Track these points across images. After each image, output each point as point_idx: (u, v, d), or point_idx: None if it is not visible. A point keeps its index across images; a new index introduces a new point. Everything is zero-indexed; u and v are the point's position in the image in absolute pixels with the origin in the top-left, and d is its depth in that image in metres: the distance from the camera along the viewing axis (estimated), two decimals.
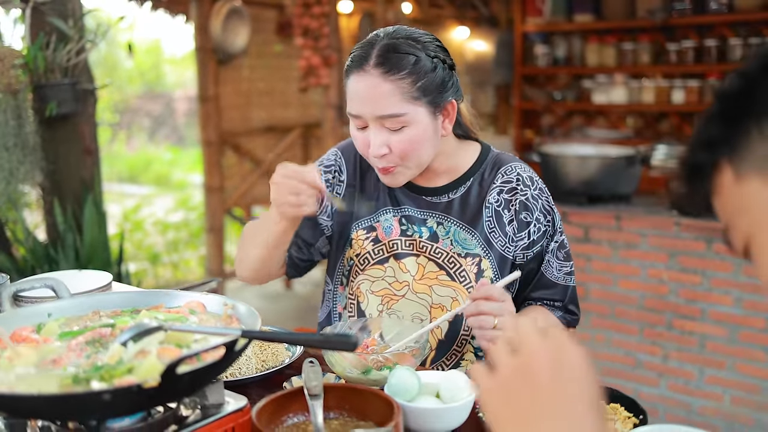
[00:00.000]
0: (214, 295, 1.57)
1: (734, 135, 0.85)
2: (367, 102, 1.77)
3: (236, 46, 6.95)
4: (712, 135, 0.88)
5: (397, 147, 1.79)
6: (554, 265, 1.95)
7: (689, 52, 6.27)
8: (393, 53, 1.75)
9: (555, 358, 0.93)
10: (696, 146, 0.90)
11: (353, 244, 2.00)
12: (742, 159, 0.84)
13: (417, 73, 1.75)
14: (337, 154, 2.07)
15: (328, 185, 2.03)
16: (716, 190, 0.89)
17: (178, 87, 16.65)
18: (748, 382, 3.89)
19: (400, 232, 1.96)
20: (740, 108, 0.85)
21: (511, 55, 7.28)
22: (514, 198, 1.92)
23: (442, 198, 1.96)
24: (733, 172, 0.85)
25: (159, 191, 12.49)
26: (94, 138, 4.17)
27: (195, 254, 8.46)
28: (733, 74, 0.88)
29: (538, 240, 1.93)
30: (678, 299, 4.06)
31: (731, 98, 0.86)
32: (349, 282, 2.00)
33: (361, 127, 1.82)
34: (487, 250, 1.91)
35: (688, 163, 0.92)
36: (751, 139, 0.83)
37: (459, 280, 1.91)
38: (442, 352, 1.95)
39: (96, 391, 1.15)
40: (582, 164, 4.38)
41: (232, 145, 7.28)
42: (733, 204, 0.87)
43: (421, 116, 1.78)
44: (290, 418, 1.40)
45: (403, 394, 1.45)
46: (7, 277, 1.97)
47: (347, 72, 1.81)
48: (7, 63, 3.52)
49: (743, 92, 0.85)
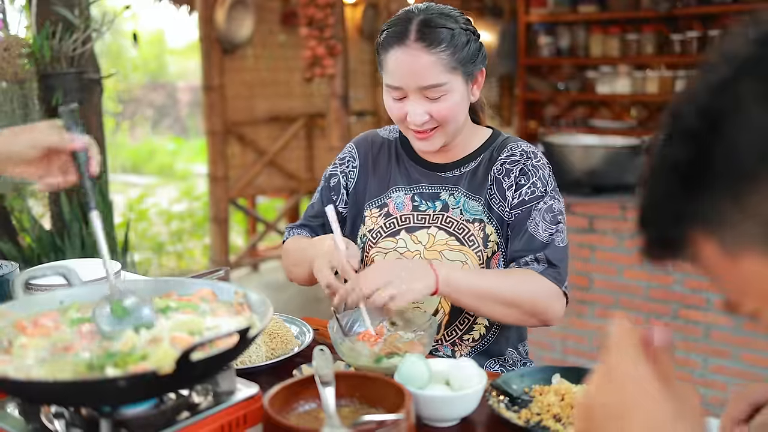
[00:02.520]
0: (225, 283, 1.58)
1: (703, 209, 0.75)
2: (409, 74, 1.87)
3: (241, 36, 6.96)
4: (676, 210, 0.78)
5: (438, 114, 1.90)
6: (540, 225, 1.95)
7: (693, 43, 6.26)
8: (432, 28, 1.86)
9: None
10: (661, 222, 0.81)
11: (366, 221, 2.08)
12: (725, 237, 0.75)
13: (455, 46, 1.87)
14: (351, 146, 2.21)
15: (342, 174, 2.15)
16: (698, 260, 0.80)
17: (182, 77, 16.63)
18: (753, 372, 3.90)
19: (412, 207, 2.05)
20: (700, 178, 0.74)
21: (514, 46, 7.26)
22: (515, 167, 2.00)
23: (454, 172, 2.06)
24: (719, 248, 0.76)
25: (163, 181, 12.48)
26: (99, 127, 4.18)
27: (199, 244, 8.47)
28: (676, 137, 0.76)
29: (529, 200, 1.96)
30: (683, 289, 4.07)
31: (686, 169, 0.75)
32: (363, 258, 2.06)
33: (399, 98, 1.92)
34: (489, 216, 1.99)
35: (655, 236, 0.83)
36: (727, 211, 0.74)
37: (468, 245, 1.97)
38: (454, 317, 2.00)
39: (111, 377, 1.17)
40: (586, 155, 4.38)
41: (237, 135, 7.28)
42: (732, 282, 0.79)
43: (457, 84, 1.90)
44: (301, 406, 1.41)
45: (413, 382, 1.46)
46: (16, 265, 1.98)
47: (385, 47, 1.91)
48: (13, 52, 3.52)
49: (698, 160, 0.74)
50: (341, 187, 2.15)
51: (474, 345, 2.01)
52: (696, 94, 0.76)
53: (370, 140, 2.18)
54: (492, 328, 2.02)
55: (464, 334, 2.01)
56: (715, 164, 0.73)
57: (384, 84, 1.95)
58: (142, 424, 1.27)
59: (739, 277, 0.77)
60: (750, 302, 0.79)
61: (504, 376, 1.62)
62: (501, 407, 1.52)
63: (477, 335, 2.02)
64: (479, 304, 1.83)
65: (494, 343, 2.04)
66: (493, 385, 1.57)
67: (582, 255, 4.31)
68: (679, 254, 0.81)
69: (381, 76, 1.97)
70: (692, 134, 0.74)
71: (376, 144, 2.16)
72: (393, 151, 2.13)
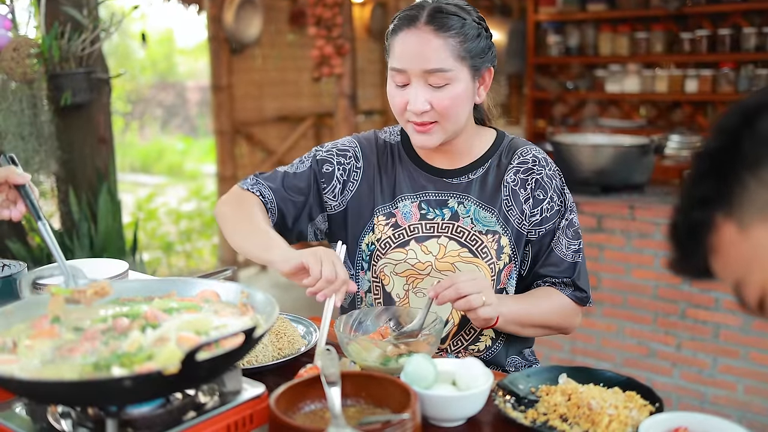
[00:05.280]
0: (231, 283, 1.58)
1: (729, 189, 0.86)
2: (415, 56, 1.84)
3: (249, 36, 6.96)
4: (704, 193, 0.89)
5: (439, 104, 1.85)
6: (563, 242, 2.01)
7: (703, 41, 6.23)
8: (443, 14, 1.85)
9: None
10: (688, 207, 0.92)
11: (375, 229, 2.03)
12: (743, 210, 0.86)
13: (465, 35, 1.85)
14: (353, 143, 2.12)
15: (339, 166, 2.07)
16: (716, 249, 0.90)
17: (191, 77, 16.65)
18: (762, 371, 3.89)
19: (419, 216, 2.00)
20: (730, 162, 0.86)
21: (523, 45, 7.25)
22: (530, 177, 1.99)
23: (462, 179, 2.02)
24: (735, 226, 0.87)
25: (172, 181, 12.51)
26: (108, 127, 4.19)
27: (208, 243, 8.48)
28: (714, 133, 0.90)
29: (551, 217, 1.99)
30: (691, 288, 4.05)
31: (718, 155, 0.88)
32: (371, 266, 2.03)
33: (402, 84, 1.88)
34: (505, 227, 1.97)
35: (682, 226, 0.93)
36: (749, 189, 0.85)
37: (481, 257, 1.95)
38: (461, 327, 1.99)
39: (117, 377, 1.17)
40: (595, 154, 4.37)
41: (245, 134, 7.29)
42: (742, 257, 0.88)
43: (463, 76, 1.86)
44: (307, 405, 1.41)
45: (419, 382, 1.46)
46: (24, 265, 1.98)
47: (395, 31, 1.89)
48: (22, 52, 3.54)
49: (729, 147, 0.87)
50: (334, 178, 2.06)
51: (479, 355, 2.01)
52: (741, 101, 0.90)
53: (374, 142, 2.11)
54: (498, 340, 2.02)
55: (470, 345, 2.01)
56: (744, 152, 0.85)
57: (389, 69, 1.91)
58: (149, 423, 1.27)
59: (749, 250, 0.86)
60: (757, 276, 0.87)
61: (510, 376, 1.62)
62: (507, 407, 1.51)
63: (482, 346, 2.01)
64: (516, 330, 1.94)
65: (499, 355, 2.04)
66: (499, 385, 1.57)
67: (590, 254, 4.30)
68: (704, 243, 0.91)
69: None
70: (728, 129, 0.87)
71: (380, 147, 2.10)
72: (396, 155, 2.08)
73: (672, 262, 0.98)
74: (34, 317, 1.44)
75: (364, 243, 2.04)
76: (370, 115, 8.17)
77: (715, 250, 0.90)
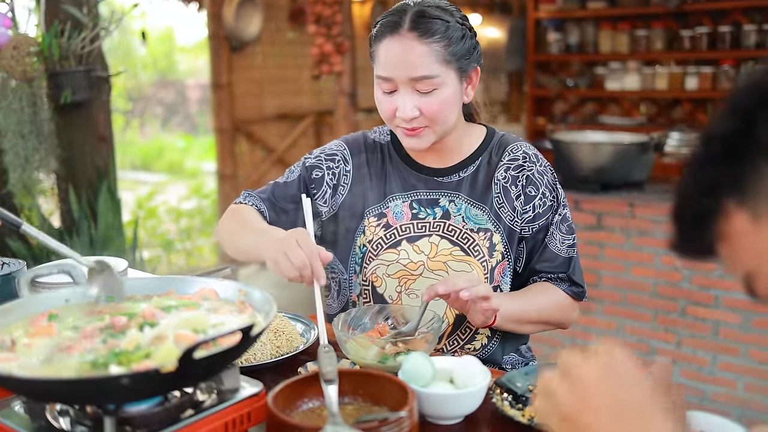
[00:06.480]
0: (229, 281, 1.58)
1: (743, 176, 0.81)
2: (401, 64, 1.82)
3: (249, 34, 6.97)
4: (715, 178, 0.83)
5: (428, 109, 1.84)
6: (557, 238, 2.01)
7: (703, 39, 6.22)
8: (426, 18, 1.81)
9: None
10: (697, 192, 0.86)
11: (366, 231, 2.01)
12: (758, 200, 0.80)
13: (449, 38, 1.82)
14: (341, 146, 2.11)
15: (328, 171, 2.07)
16: (725, 237, 0.84)
17: (191, 75, 16.64)
18: (762, 369, 3.89)
19: (411, 216, 1.99)
20: (744, 147, 0.80)
21: (523, 42, 7.24)
22: (521, 174, 1.99)
23: (452, 177, 2.01)
24: (749, 216, 0.81)
25: (172, 179, 12.50)
26: (108, 125, 4.19)
27: (208, 241, 8.47)
28: (726, 113, 0.83)
29: (543, 213, 1.99)
30: (691, 286, 4.06)
31: (731, 138, 0.82)
32: (362, 269, 2.01)
33: (389, 91, 1.88)
34: (497, 225, 1.97)
35: (690, 211, 0.87)
36: (765, 177, 0.79)
37: (473, 255, 1.94)
38: (456, 326, 1.99)
39: (115, 375, 1.17)
40: (595, 151, 4.37)
41: (245, 132, 7.29)
42: (755, 248, 0.82)
43: (450, 79, 1.85)
44: (305, 403, 1.41)
45: (417, 380, 1.46)
46: (23, 263, 1.99)
47: (378, 37, 1.87)
48: (22, 51, 3.54)
49: (743, 130, 0.80)
50: (323, 183, 2.06)
51: (475, 354, 1.99)
52: (755, 77, 0.84)
53: (362, 143, 2.11)
54: (493, 338, 2.02)
55: (466, 344, 2.00)
56: (759, 134, 0.79)
57: (375, 76, 1.90)
58: (146, 421, 1.27)
59: (763, 242, 0.81)
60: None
61: (508, 374, 1.62)
62: (505, 405, 1.52)
63: (478, 345, 2.00)
64: (514, 327, 1.94)
65: (495, 353, 2.03)
66: (496, 383, 1.57)
67: (590, 252, 4.30)
68: (711, 229, 0.86)
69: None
70: (743, 109, 0.81)
71: (369, 148, 2.09)
72: (386, 155, 2.07)
73: (674, 244, 0.92)
74: (33, 315, 1.44)
75: (357, 246, 2.03)
76: (370, 113, 8.16)
77: (724, 237, 0.85)
